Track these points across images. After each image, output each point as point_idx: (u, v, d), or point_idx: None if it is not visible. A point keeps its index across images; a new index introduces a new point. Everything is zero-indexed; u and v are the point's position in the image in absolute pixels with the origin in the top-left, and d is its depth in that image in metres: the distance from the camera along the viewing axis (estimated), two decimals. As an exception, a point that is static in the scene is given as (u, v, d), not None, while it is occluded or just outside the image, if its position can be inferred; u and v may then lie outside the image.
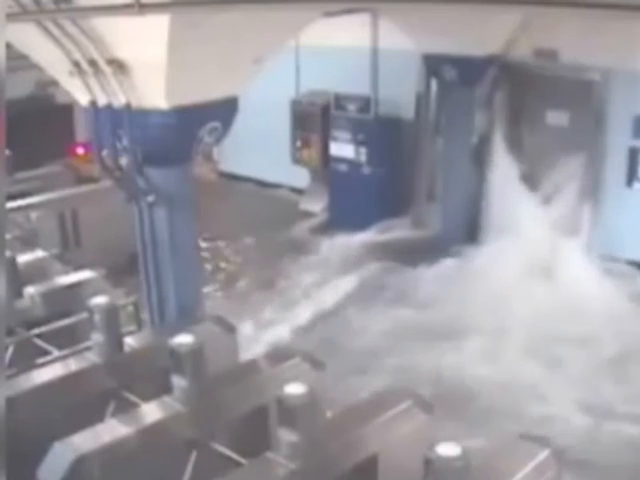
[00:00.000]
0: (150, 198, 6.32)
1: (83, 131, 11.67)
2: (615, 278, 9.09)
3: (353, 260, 9.98)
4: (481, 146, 10.39)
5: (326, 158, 11.71)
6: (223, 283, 10.16)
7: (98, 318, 5.18)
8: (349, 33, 10.44)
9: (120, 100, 5.91)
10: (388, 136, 11.11)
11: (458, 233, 10.26)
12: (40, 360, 5.52)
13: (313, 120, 11.83)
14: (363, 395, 5.35)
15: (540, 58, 9.71)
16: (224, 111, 6.22)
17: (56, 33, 5.65)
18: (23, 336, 5.77)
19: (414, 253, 9.83)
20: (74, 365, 5.21)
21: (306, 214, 12.01)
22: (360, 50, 10.80)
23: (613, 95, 9.31)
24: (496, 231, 9.83)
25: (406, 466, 4.08)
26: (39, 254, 7.32)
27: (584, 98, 9.52)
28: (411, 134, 11.03)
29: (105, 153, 6.25)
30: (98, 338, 5.22)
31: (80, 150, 12.90)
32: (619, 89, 9.22)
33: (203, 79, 5.82)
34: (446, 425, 3.65)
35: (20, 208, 9.40)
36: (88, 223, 9.88)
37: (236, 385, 4.98)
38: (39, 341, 5.78)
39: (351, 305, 9.13)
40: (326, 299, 9.21)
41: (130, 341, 5.55)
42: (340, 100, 11.25)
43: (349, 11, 8.12)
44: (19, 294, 6.18)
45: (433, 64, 10.15)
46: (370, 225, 10.63)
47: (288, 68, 11.51)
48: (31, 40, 5.89)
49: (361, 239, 10.45)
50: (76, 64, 5.85)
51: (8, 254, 5.96)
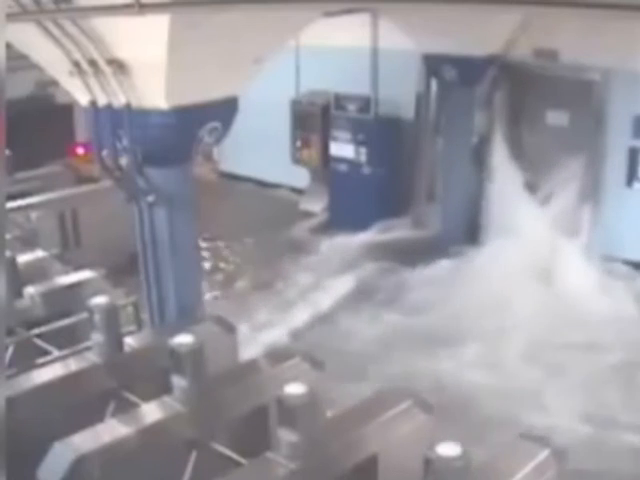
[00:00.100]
0: (150, 198, 6.32)
1: (83, 131, 11.68)
2: (615, 278, 9.09)
3: (353, 261, 9.96)
4: (481, 146, 10.39)
5: (326, 158, 11.71)
6: (222, 283, 10.15)
7: (98, 318, 5.19)
8: (349, 33, 10.44)
9: (120, 100, 5.91)
10: (388, 136, 11.10)
11: (458, 233, 10.26)
12: (40, 360, 5.52)
13: (313, 120, 11.82)
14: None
15: (540, 58, 9.71)
16: (224, 111, 6.23)
17: (56, 33, 5.66)
18: (23, 336, 5.77)
19: (414, 253, 9.81)
20: (74, 365, 5.20)
21: (306, 214, 12.00)
22: (360, 50, 10.80)
23: (613, 95, 9.31)
24: (496, 231, 9.82)
25: (406, 466, 4.08)
26: (39, 254, 7.32)
27: (584, 98, 9.52)
28: (411, 134, 11.03)
29: (105, 153, 6.25)
30: (98, 338, 5.22)
31: (80, 150, 12.90)
32: (619, 89, 9.22)
33: (203, 79, 5.82)
34: (443, 437, 3.64)
35: (20, 208, 9.40)
36: (88, 223, 9.88)
37: (236, 385, 4.98)
38: (39, 341, 5.78)
39: (349, 307, 9.07)
40: (324, 301, 9.16)
41: (130, 341, 5.54)
42: (340, 100, 11.25)
43: (349, 11, 8.11)
44: (19, 294, 6.17)
45: (433, 64, 10.15)
46: (370, 225, 10.61)
47: (288, 68, 11.50)
48: (31, 40, 5.89)
49: (361, 239, 10.43)
50: (76, 64, 5.86)
51: (8, 254, 5.96)
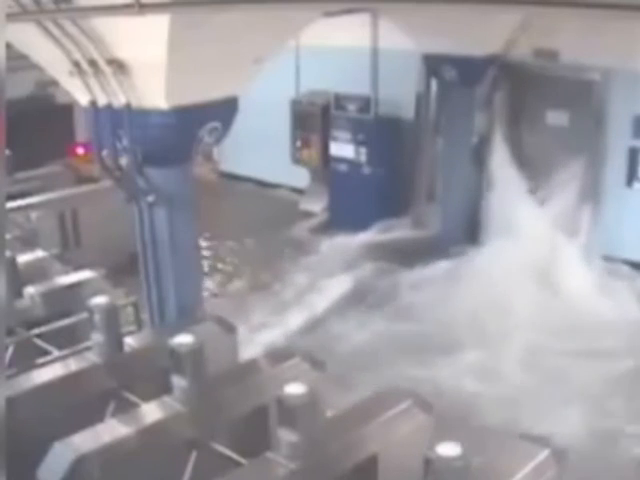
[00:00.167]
0: (150, 198, 6.32)
1: (83, 131, 11.67)
2: (615, 279, 9.08)
3: (353, 261, 9.95)
4: (481, 146, 10.39)
5: (326, 158, 11.70)
6: (221, 283, 10.15)
7: (98, 318, 5.19)
8: (349, 33, 10.44)
9: (120, 100, 5.91)
10: (388, 136, 11.10)
11: (458, 233, 10.25)
12: (40, 360, 5.53)
13: (313, 120, 11.82)
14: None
15: (540, 58, 9.71)
16: (224, 111, 6.22)
17: (56, 33, 5.66)
18: (23, 336, 5.77)
19: (414, 253, 9.80)
20: (74, 365, 5.21)
21: (306, 214, 12.00)
22: (360, 50, 10.80)
23: (613, 95, 9.31)
24: (496, 231, 9.81)
25: (406, 466, 4.08)
26: (39, 254, 7.32)
27: (584, 98, 9.52)
28: (411, 134, 11.03)
29: (105, 153, 6.25)
30: (98, 338, 5.22)
31: (80, 150, 12.90)
32: (619, 89, 9.22)
33: (203, 79, 5.82)
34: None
35: (20, 208, 9.40)
36: (88, 223, 9.88)
37: (236, 385, 4.98)
38: (39, 341, 5.79)
39: (347, 310, 8.99)
40: (322, 303, 9.11)
41: (130, 341, 5.55)
42: (340, 100, 11.25)
43: (349, 11, 8.11)
44: (19, 294, 6.18)
45: (433, 64, 10.15)
46: (370, 225, 10.61)
47: (288, 68, 11.50)
48: (31, 40, 5.89)
49: (361, 239, 10.42)
50: (76, 64, 5.86)
51: (8, 254, 5.96)
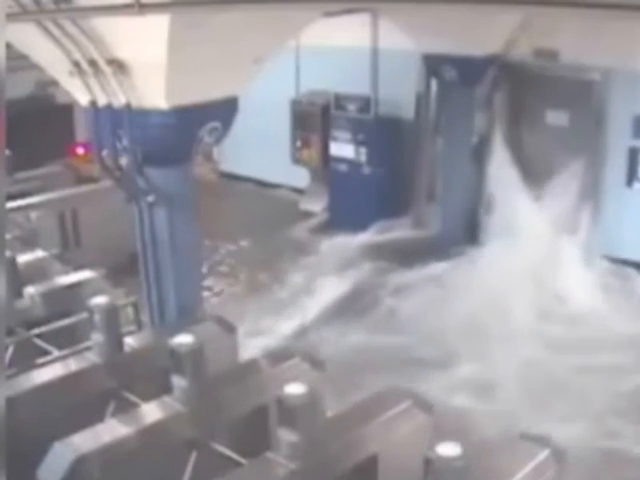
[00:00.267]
0: (150, 198, 6.31)
1: (83, 131, 11.67)
2: (616, 279, 9.07)
3: (353, 261, 9.94)
4: (481, 146, 10.39)
5: (326, 158, 11.70)
6: (221, 283, 10.14)
7: (98, 318, 5.20)
8: (349, 33, 10.44)
9: (120, 100, 5.91)
10: (388, 136, 11.10)
11: (458, 233, 10.25)
12: (40, 360, 5.53)
13: (313, 120, 11.82)
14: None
15: (540, 58, 9.71)
16: (224, 111, 6.22)
17: (56, 33, 5.65)
18: (23, 336, 5.77)
19: (414, 254, 9.79)
20: (74, 365, 5.22)
21: (306, 214, 12.00)
22: (360, 50, 10.80)
23: (613, 95, 9.30)
24: (496, 232, 9.81)
25: (406, 466, 4.08)
26: (39, 254, 7.33)
27: (584, 98, 9.51)
28: (411, 134, 11.02)
29: (105, 153, 6.24)
30: (98, 338, 5.23)
31: (80, 150, 12.89)
32: (619, 89, 9.21)
33: (203, 79, 5.81)
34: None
35: (20, 208, 9.39)
36: (88, 223, 9.87)
37: (236, 385, 4.99)
38: (39, 341, 5.79)
39: (346, 312, 8.90)
40: (320, 304, 9.08)
41: (130, 341, 5.56)
42: (340, 100, 11.25)
43: (349, 11, 8.11)
44: (19, 294, 6.19)
45: (433, 64, 10.15)
46: (370, 225, 10.61)
47: (288, 68, 11.50)
48: (31, 40, 5.89)
49: (361, 239, 10.42)
50: (76, 64, 5.85)
51: (8, 254, 5.96)
